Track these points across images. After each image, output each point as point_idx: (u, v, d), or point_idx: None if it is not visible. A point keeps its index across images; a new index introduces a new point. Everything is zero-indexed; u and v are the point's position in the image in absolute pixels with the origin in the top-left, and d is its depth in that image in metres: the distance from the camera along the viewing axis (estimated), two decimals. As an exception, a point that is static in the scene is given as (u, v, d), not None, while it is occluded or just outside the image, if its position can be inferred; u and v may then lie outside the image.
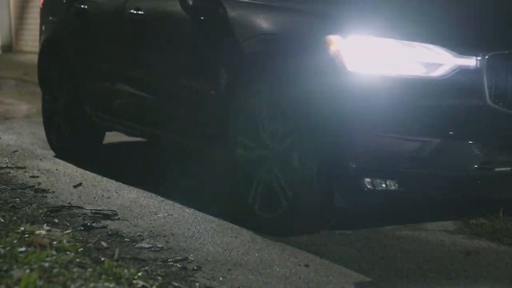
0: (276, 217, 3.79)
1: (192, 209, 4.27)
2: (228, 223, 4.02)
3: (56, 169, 5.28)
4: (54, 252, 3.14)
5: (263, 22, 3.90)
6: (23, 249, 3.07)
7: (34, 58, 15.95)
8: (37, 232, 3.46)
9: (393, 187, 3.50)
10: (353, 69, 3.45)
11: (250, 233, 3.84)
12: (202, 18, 4.24)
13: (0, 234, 3.30)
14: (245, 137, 3.96)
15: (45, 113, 6.04)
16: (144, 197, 4.57)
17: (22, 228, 3.47)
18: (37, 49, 18.87)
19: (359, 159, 3.47)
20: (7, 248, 3.01)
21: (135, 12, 4.82)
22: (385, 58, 3.47)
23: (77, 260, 3.09)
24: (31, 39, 16.45)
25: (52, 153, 5.86)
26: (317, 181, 3.61)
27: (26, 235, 3.36)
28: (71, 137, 5.66)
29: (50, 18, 6.01)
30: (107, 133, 5.89)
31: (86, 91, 5.48)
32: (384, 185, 3.49)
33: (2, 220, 3.69)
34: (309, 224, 3.84)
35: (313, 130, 3.56)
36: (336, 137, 3.50)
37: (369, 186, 3.49)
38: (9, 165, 5.38)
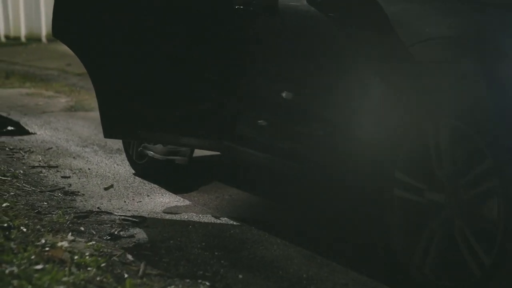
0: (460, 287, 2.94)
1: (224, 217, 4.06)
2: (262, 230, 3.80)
3: (89, 169, 5.11)
4: (74, 269, 2.96)
5: (440, 21, 3.03)
6: (40, 266, 2.89)
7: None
8: (59, 244, 3.29)
9: None
10: None
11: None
12: (338, 15, 3.40)
13: (18, 248, 3.12)
14: (408, 174, 3.09)
15: None
16: (176, 201, 4.36)
17: (43, 240, 3.30)
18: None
19: None
20: (22, 267, 2.82)
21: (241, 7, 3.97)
22: None
23: (97, 278, 2.90)
24: (76, 28, 16.40)
25: (86, 150, 5.69)
26: None
27: (47, 248, 3.18)
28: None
29: None
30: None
31: None
32: None
33: (25, 230, 3.51)
34: None
35: None
36: None
37: None
38: (41, 164, 5.22)
